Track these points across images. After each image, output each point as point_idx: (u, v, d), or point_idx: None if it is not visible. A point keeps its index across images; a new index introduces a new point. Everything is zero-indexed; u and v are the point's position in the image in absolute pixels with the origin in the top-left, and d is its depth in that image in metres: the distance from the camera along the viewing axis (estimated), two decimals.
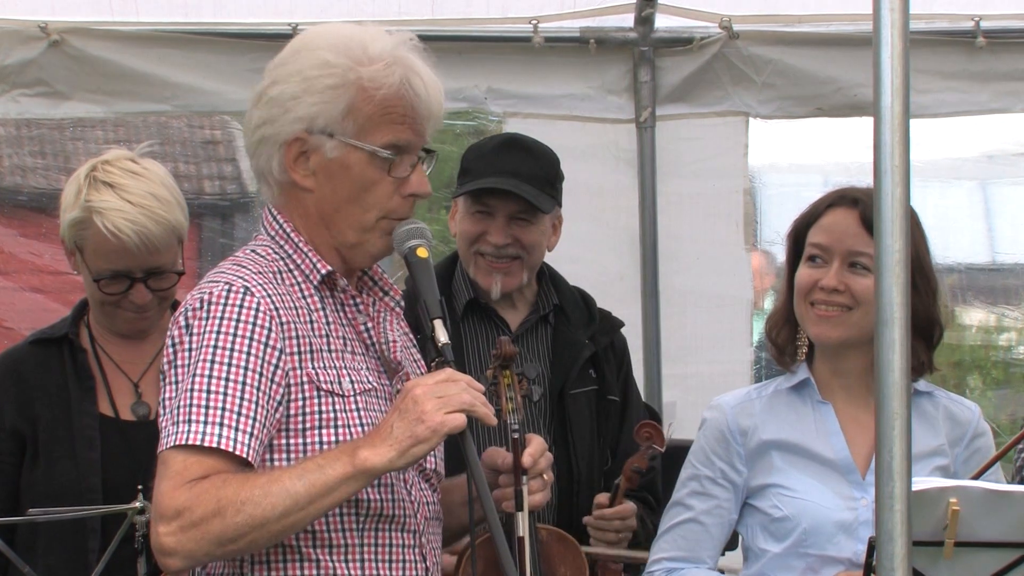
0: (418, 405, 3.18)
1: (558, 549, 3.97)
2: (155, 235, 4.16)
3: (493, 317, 4.78)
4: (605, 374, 4.82)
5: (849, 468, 3.98)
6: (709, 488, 4.05)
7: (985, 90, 6.04)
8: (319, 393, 3.32)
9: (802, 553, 3.94)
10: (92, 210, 4.15)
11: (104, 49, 5.81)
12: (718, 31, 6.02)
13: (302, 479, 3.17)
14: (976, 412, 4.14)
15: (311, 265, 3.42)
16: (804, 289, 3.97)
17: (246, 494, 3.16)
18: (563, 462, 4.66)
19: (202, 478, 3.18)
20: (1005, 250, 7.14)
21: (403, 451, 3.18)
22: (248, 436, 3.21)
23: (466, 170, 4.78)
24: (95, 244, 4.16)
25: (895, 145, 2.89)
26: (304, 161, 3.40)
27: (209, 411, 3.21)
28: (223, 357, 3.25)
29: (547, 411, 4.73)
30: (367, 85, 3.36)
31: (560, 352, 4.79)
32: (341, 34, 3.44)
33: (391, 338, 3.51)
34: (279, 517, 3.17)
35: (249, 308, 3.28)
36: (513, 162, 4.75)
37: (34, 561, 4.08)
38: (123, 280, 4.18)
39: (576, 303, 4.87)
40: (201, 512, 3.15)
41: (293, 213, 3.46)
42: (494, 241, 4.70)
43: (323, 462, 3.20)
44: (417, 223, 3.47)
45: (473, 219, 4.73)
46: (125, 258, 4.15)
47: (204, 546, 3.18)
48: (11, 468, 4.21)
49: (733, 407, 4.06)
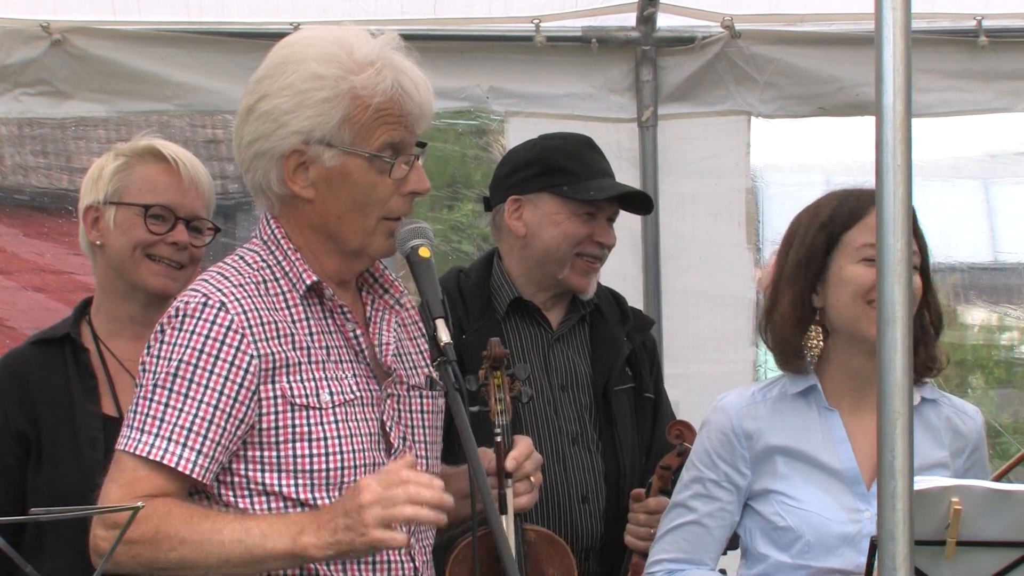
0: (362, 512, 3.20)
1: (546, 550, 3.96)
2: (203, 178, 4.29)
3: (536, 316, 4.77)
4: (640, 372, 4.83)
5: (855, 479, 3.94)
6: (713, 491, 4.02)
7: (987, 89, 6.03)
8: (292, 408, 3.35)
9: (804, 564, 3.91)
10: (146, 149, 4.26)
11: (106, 48, 5.81)
12: (720, 30, 6.01)
13: (242, 543, 3.24)
14: (979, 421, 4.11)
15: (297, 274, 3.44)
16: (863, 289, 3.87)
17: (185, 534, 3.24)
18: (611, 460, 4.70)
19: (148, 496, 3.24)
20: (1007, 249, 7.14)
21: (340, 551, 3.26)
22: (196, 454, 3.28)
23: (562, 170, 4.72)
24: (144, 178, 4.24)
25: (897, 144, 2.89)
26: (303, 172, 3.42)
27: (162, 424, 3.29)
28: (185, 372, 3.31)
29: (592, 409, 4.73)
30: (361, 93, 3.37)
31: (601, 350, 4.78)
32: (326, 41, 3.44)
33: (384, 340, 3.51)
34: (210, 567, 3.27)
35: (220, 325, 3.32)
36: (605, 163, 4.81)
37: (41, 563, 4.06)
38: (169, 217, 4.23)
39: (609, 302, 4.89)
40: (138, 535, 3.23)
41: (289, 222, 3.48)
42: (604, 242, 4.73)
43: (267, 531, 3.25)
44: (419, 223, 3.48)
45: (580, 220, 4.70)
46: (175, 191, 4.24)
47: (132, 564, 3.30)
48: (16, 471, 4.20)
49: (738, 409, 4.02)
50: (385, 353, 3.50)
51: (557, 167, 4.72)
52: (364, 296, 3.57)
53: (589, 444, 4.69)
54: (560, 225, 4.70)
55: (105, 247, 4.26)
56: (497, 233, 4.85)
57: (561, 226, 4.70)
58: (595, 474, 4.67)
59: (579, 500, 4.64)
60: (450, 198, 7.49)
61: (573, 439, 4.68)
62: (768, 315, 4.05)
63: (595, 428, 4.71)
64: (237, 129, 3.47)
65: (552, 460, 4.62)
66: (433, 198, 7.34)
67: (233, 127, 3.51)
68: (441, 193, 7.41)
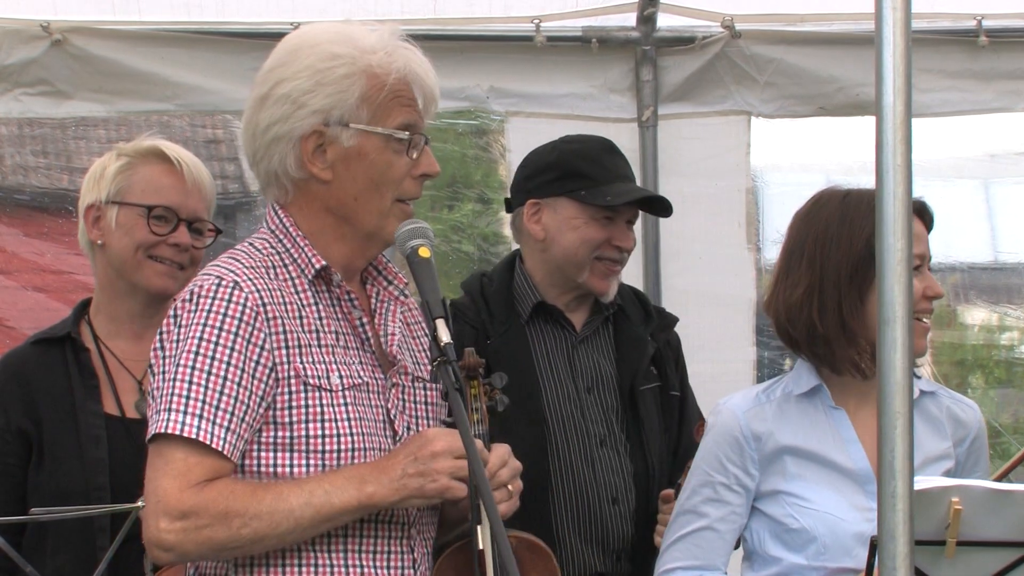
0: (436, 460, 3.31)
1: (528, 557, 3.93)
2: (205, 180, 4.32)
3: (560, 320, 4.77)
4: (666, 370, 4.83)
5: (868, 478, 3.91)
6: (723, 494, 4.00)
7: (987, 89, 6.04)
8: (306, 388, 3.37)
9: (820, 566, 3.89)
10: (149, 150, 4.29)
11: (106, 48, 5.81)
12: (720, 30, 6.01)
13: (309, 505, 3.29)
14: (977, 411, 4.13)
15: (306, 259, 3.47)
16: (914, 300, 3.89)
17: (253, 509, 3.28)
18: (639, 460, 4.70)
19: (207, 481, 3.28)
20: (1007, 249, 7.13)
21: (405, 497, 3.33)
22: (224, 430, 3.30)
23: (581, 175, 4.71)
24: (147, 179, 4.26)
25: (897, 144, 2.89)
26: (321, 154, 3.46)
27: (189, 402, 3.30)
28: (207, 350, 3.32)
29: (619, 410, 4.73)
30: (377, 71, 3.44)
31: (626, 350, 4.78)
32: (335, 29, 3.52)
33: (390, 330, 3.53)
34: (280, 535, 3.31)
35: (236, 303, 3.34)
36: (624, 167, 4.79)
37: (43, 562, 4.07)
38: (171, 218, 4.25)
39: (632, 302, 4.88)
40: (209, 519, 3.27)
41: (301, 208, 3.51)
42: (623, 246, 4.72)
43: (330, 488, 3.31)
44: (419, 223, 3.50)
45: (599, 224, 4.69)
46: (178, 193, 4.26)
47: (203, 550, 3.33)
48: (18, 470, 4.21)
49: (745, 411, 4.01)
50: (391, 343, 3.52)
51: (575, 171, 4.72)
52: (369, 288, 3.60)
53: (617, 445, 4.70)
54: (578, 230, 4.70)
55: (106, 246, 4.27)
56: (518, 236, 4.86)
57: (579, 231, 4.70)
58: (624, 475, 4.67)
59: (609, 502, 4.64)
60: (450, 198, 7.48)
61: (601, 440, 4.69)
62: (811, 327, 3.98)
63: (622, 429, 4.71)
64: (250, 119, 3.48)
65: (581, 462, 4.65)
66: (433, 198, 7.34)
67: (241, 122, 3.54)
68: (441, 193, 7.41)
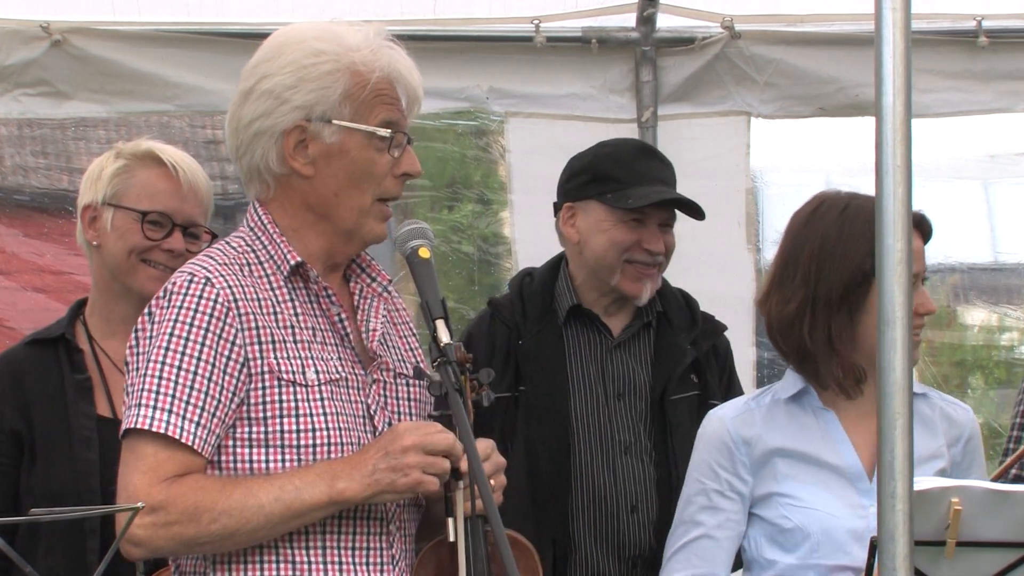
0: (406, 454, 3.31)
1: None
2: (201, 185, 4.31)
3: (596, 324, 4.78)
4: (707, 379, 4.81)
5: (858, 475, 3.94)
6: (718, 502, 4.00)
7: (987, 90, 6.04)
8: (280, 383, 3.38)
9: (813, 564, 3.90)
10: (146, 153, 4.27)
11: (106, 49, 5.81)
12: (720, 31, 6.01)
13: (279, 501, 3.30)
14: (970, 412, 4.14)
15: (282, 256, 3.47)
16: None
17: (222, 504, 3.29)
18: (663, 468, 4.69)
19: (177, 476, 3.30)
20: (1007, 250, 7.13)
21: (376, 492, 3.33)
22: (194, 425, 3.31)
23: (609, 178, 4.73)
24: (143, 184, 4.25)
25: (897, 145, 2.89)
26: (303, 150, 3.46)
27: (159, 397, 3.31)
28: (177, 346, 3.34)
29: (647, 417, 4.73)
30: (361, 69, 3.45)
31: (662, 358, 4.78)
32: (321, 27, 3.53)
33: (372, 327, 3.53)
34: (251, 532, 3.31)
35: (207, 299, 3.36)
36: (658, 170, 4.79)
37: (35, 564, 4.03)
38: (166, 224, 4.24)
39: (680, 307, 4.87)
40: (178, 514, 3.28)
41: (282, 204, 3.51)
42: (652, 249, 4.71)
43: (301, 484, 3.31)
44: (419, 223, 3.51)
45: (627, 227, 4.70)
46: (173, 198, 4.25)
47: (173, 545, 3.34)
48: (11, 470, 4.20)
49: (733, 418, 4.03)
50: (371, 339, 3.52)
51: (605, 175, 4.74)
52: (352, 285, 3.60)
53: (642, 453, 4.70)
54: (607, 232, 4.72)
55: (101, 248, 4.27)
56: (561, 239, 4.88)
57: (608, 233, 4.71)
58: (646, 483, 4.68)
59: (628, 509, 4.65)
60: (450, 198, 7.46)
61: (626, 448, 4.69)
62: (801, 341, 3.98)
63: (650, 437, 4.72)
64: (233, 113, 3.49)
65: (603, 469, 4.66)
66: (433, 198, 7.33)
67: (226, 117, 3.53)
68: (441, 193, 7.39)
